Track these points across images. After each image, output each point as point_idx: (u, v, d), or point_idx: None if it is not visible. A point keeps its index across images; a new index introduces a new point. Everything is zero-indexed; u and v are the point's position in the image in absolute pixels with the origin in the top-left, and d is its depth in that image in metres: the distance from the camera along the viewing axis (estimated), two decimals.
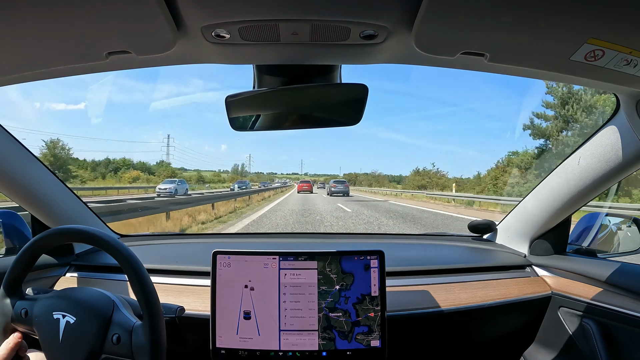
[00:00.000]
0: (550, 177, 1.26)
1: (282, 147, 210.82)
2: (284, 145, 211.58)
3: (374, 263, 1.01)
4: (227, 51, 0.74)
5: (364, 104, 0.86)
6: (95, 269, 1.31)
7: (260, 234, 2.09)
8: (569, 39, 0.62)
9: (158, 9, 0.57)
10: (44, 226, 1.29)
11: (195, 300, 1.11)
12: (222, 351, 0.99)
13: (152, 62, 0.78)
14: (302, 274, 1.01)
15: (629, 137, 0.97)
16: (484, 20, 0.59)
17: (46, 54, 0.70)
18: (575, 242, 1.39)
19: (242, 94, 0.88)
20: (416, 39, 0.66)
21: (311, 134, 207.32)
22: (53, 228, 0.86)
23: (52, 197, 1.27)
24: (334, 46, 0.72)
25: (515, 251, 1.43)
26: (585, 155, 1.10)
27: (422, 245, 1.66)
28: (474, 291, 1.19)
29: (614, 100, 0.98)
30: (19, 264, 0.87)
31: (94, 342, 0.78)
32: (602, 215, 1.41)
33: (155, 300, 0.78)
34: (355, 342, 0.99)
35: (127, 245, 0.81)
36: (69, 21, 0.60)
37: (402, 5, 0.59)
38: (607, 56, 0.66)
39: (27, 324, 0.85)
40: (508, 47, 0.67)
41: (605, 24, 0.59)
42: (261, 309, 1.00)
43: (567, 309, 1.19)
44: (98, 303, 0.83)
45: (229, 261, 1.01)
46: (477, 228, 1.61)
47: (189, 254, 1.46)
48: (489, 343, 1.34)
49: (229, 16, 0.61)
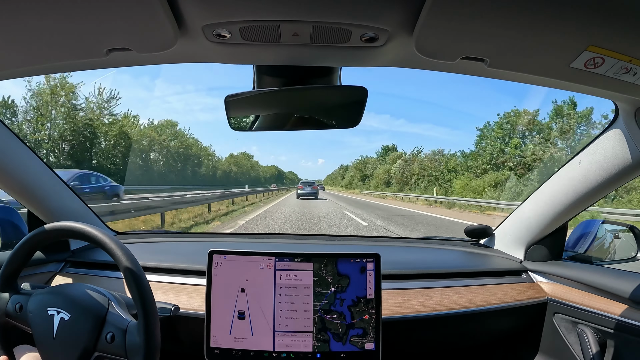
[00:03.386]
0: (547, 183, 1.26)
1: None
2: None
3: (370, 266, 1.01)
4: (227, 51, 0.74)
5: (364, 106, 0.86)
6: (90, 266, 1.30)
7: (256, 234, 2.09)
8: (569, 46, 0.63)
9: (160, 7, 0.57)
10: (40, 222, 1.28)
11: (190, 299, 1.11)
12: (217, 351, 0.99)
13: (152, 60, 0.78)
14: (298, 275, 1.00)
15: (627, 145, 0.97)
16: (485, 25, 0.60)
17: (46, 49, 0.70)
18: (572, 249, 1.39)
19: (242, 94, 0.88)
20: (417, 43, 0.66)
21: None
22: (49, 224, 0.86)
23: (49, 193, 1.27)
24: (334, 48, 0.72)
25: (512, 256, 1.43)
26: (584, 163, 1.10)
27: (418, 249, 1.66)
28: (469, 295, 1.19)
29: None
30: (15, 259, 0.87)
31: (87, 339, 0.78)
32: (598, 222, 1.41)
33: (150, 299, 0.78)
34: (350, 345, 0.98)
35: (124, 243, 0.81)
36: (70, 17, 0.60)
37: (403, 8, 0.59)
38: (607, 64, 0.66)
39: (21, 318, 0.84)
40: (508, 53, 0.67)
41: (605, 32, 0.59)
42: (256, 310, 0.99)
43: (562, 315, 1.19)
44: (93, 301, 0.82)
45: (225, 261, 1.01)
46: (474, 233, 1.61)
47: (185, 253, 1.46)
48: (484, 348, 1.34)
49: (231, 16, 0.61)
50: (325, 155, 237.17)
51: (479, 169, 30.64)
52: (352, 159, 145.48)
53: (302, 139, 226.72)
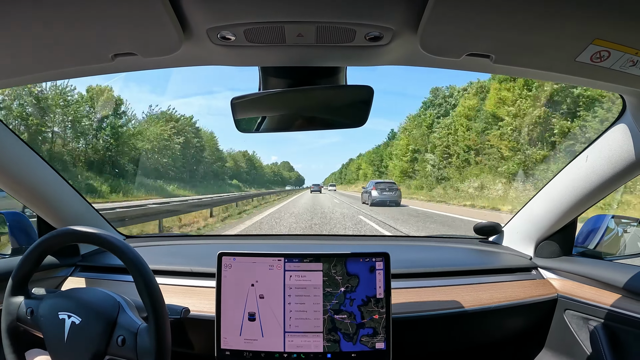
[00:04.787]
0: (556, 178, 1.25)
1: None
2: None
3: (380, 265, 1.01)
4: (232, 53, 0.74)
5: (370, 105, 0.86)
6: (100, 270, 1.31)
7: (265, 236, 2.10)
8: (574, 40, 0.62)
9: (164, 11, 0.57)
10: (50, 227, 1.30)
11: (200, 301, 1.11)
12: (227, 352, 0.99)
13: (157, 64, 0.79)
14: (307, 275, 1.00)
15: (636, 138, 0.96)
16: (490, 21, 0.59)
17: (53, 56, 0.71)
18: (581, 244, 1.38)
19: (248, 96, 0.88)
20: (422, 41, 0.65)
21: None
22: (59, 229, 0.87)
23: (58, 198, 1.28)
24: (339, 48, 0.72)
25: (521, 253, 1.42)
26: (592, 157, 1.09)
27: (427, 247, 1.66)
28: (479, 293, 1.19)
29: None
30: (25, 264, 0.87)
31: (98, 343, 0.78)
32: (608, 217, 1.39)
33: (160, 302, 0.78)
34: (360, 344, 0.98)
35: (133, 246, 0.82)
36: (76, 23, 0.60)
37: (407, 6, 0.59)
38: (613, 57, 0.65)
39: (33, 323, 0.85)
40: (514, 49, 0.67)
41: (610, 25, 0.58)
42: (266, 311, 0.99)
43: (573, 311, 1.18)
44: (104, 304, 0.83)
45: (234, 262, 1.01)
46: (483, 230, 1.60)
47: (194, 255, 1.46)
48: (494, 346, 1.33)
49: (235, 18, 0.61)
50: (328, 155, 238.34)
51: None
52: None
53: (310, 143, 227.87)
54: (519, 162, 19.34)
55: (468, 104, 25.07)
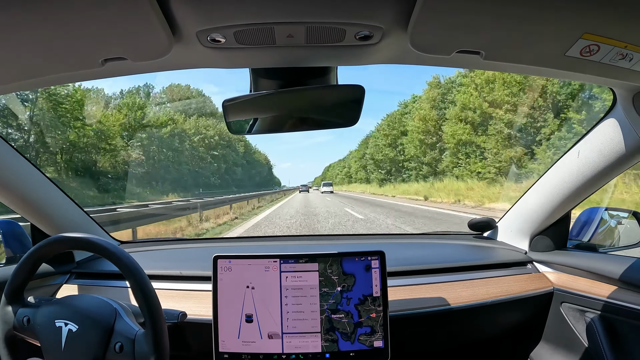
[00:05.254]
0: (549, 172, 1.26)
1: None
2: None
3: (375, 263, 1.01)
4: (223, 55, 0.73)
5: (361, 104, 0.86)
6: (96, 277, 1.30)
7: (260, 238, 2.10)
8: (563, 34, 0.63)
9: (153, 15, 0.57)
10: (44, 235, 1.29)
11: (197, 305, 1.11)
12: (226, 355, 0.99)
13: (148, 68, 0.78)
14: (304, 276, 1.00)
15: (627, 131, 0.97)
16: (479, 18, 0.59)
17: (41, 62, 0.70)
18: (576, 237, 1.39)
19: (239, 98, 0.87)
20: (411, 39, 0.66)
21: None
22: (53, 236, 0.86)
23: (52, 205, 1.27)
24: (329, 48, 0.72)
25: (516, 248, 1.43)
26: (584, 150, 1.10)
27: (422, 244, 1.66)
28: (475, 289, 1.19)
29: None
30: (20, 272, 0.87)
31: (96, 350, 0.78)
32: (601, 210, 1.41)
33: (157, 307, 0.78)
34: (358, 343, 0.98)
35: (128, 252, 0.81)
36: (64, 28, 0.60)
37: (396, 5, 0.59)
38: (603, 51, 0.66)
39: (29, 331, 0.84)
40: (503, 45, 0.67)
41: (599, 19, 0.59)
42: (263, 312, 0.99)
43: (569, 304, 1.19)
44: (100, 311, 0.82)
45: (230, 265, 1.01)
46: (478, 226, 1.61)
47: (189, 259, 1.46)
48: (492, 341, 1.34)
49: (224, 20, 0.61)
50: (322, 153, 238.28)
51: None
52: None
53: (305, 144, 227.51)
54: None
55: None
